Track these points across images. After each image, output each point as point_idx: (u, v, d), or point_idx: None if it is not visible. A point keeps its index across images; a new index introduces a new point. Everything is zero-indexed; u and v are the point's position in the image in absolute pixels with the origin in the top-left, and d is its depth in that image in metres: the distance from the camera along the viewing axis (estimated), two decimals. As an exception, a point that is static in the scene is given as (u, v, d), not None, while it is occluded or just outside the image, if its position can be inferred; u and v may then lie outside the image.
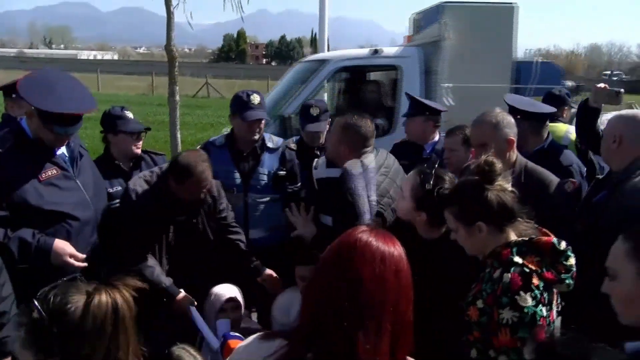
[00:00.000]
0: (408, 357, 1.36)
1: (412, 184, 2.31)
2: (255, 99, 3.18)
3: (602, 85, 3.15)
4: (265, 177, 3.23)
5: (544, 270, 1.79)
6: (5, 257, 2.27)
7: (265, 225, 3.26)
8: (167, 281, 2.74)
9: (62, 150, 2.59)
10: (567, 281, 1.82)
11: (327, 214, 2.88)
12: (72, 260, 2.42)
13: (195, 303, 2.70)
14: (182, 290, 2.75)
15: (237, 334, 2.38)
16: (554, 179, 2.66)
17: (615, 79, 56.26)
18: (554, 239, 1.86)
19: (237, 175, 3.20)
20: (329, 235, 1.38)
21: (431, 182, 2.23)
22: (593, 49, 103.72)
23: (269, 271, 3.01)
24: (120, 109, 3.24)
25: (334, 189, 2.77)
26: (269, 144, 3.29)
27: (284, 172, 3.28)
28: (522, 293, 1.73)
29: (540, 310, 1.74)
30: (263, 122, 3.21)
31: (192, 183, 2.63)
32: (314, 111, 3.65)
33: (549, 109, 3.59)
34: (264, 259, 3.12)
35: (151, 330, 2.92)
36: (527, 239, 1.87)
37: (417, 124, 3.81)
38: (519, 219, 1.92)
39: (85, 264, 2.46)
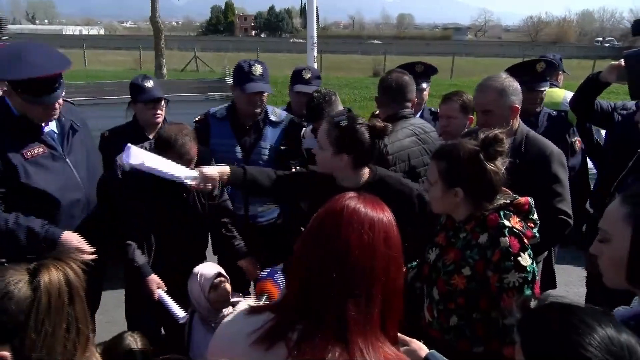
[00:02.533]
0: (399, 335, 1.33)
1: (326, 129, 2.23)
2: (257, 69, 2.98)
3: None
4: (267, 152, 3.09)
5: (525, 229, 1.84)
6: (11, 245, 2.26)
7: (266, 200, 3.16)
8: (140, 260, 2.69)
9: (52, 126, 2.49)
10: (537, 235, 1.89)
11: None
12: (79, 254, 2.36)
13: (165, 288, 2.67)
14: (153, 273, 2.70)
15: (278, 282, 2.14)
16: (554, 150, 2.58)
17: (607, 45, 56.18)
18: (530, 199, 1.90)
19: (239, 149, 3.07)
20: None
21: (345, 119, 2.17)
22: (585, 15, 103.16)
23: (249, 260, 2.88)
24: (141, 78, 3.29)
25: None
26: (272, 117, 3.14)
27: (285, 148, 3.13)
28: (522, 254, 1.77)
29: (535, 266, 1.81)
30: (265, 95, 3.04)
31: (173, 156, 2.54)
32: (306, 74, 3.56)
33: None
34: (264, 235, 3.08)
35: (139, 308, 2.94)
36: (508, 201, 1.87)
37: None
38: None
39: (93, 257, 2.39)
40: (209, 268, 2.67)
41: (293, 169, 3.07)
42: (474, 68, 22.68)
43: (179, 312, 2.60)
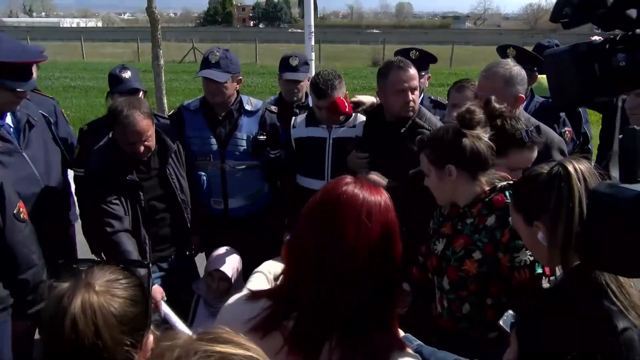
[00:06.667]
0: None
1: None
2: (214, 57, 2.85)
3: None
4: (243, 143, 3.01)
5: None
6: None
7: (245, 193, 3.09)
8: (142, 270, 2.64)
9: (7, 120, 2.42)
10: None
11: (307, 177, 2.96)
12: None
13: (165, 298, 2.61)
14: (156, 283, 2.70)
15: None
16: (555, 138, 2.57)
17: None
18: None
19: (214, 141, 2.99)
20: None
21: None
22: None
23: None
24: (119, 68, 3.20)
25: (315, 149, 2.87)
26: (247, 107, 3.05)
27: (264, 137, 3.04)
28: None
29: None
30: (226, 84, 2.88)
31: (119, 129, 2.53)
32: (293, 61, 3.48)
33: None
34: (244, 229, 3.04)
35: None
36: (511, 181, 1.88)
37: None
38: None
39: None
40: (220, 257, 2.68)
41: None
42: (473, 56, 22.58)
43: (185, 329, 2.43)
